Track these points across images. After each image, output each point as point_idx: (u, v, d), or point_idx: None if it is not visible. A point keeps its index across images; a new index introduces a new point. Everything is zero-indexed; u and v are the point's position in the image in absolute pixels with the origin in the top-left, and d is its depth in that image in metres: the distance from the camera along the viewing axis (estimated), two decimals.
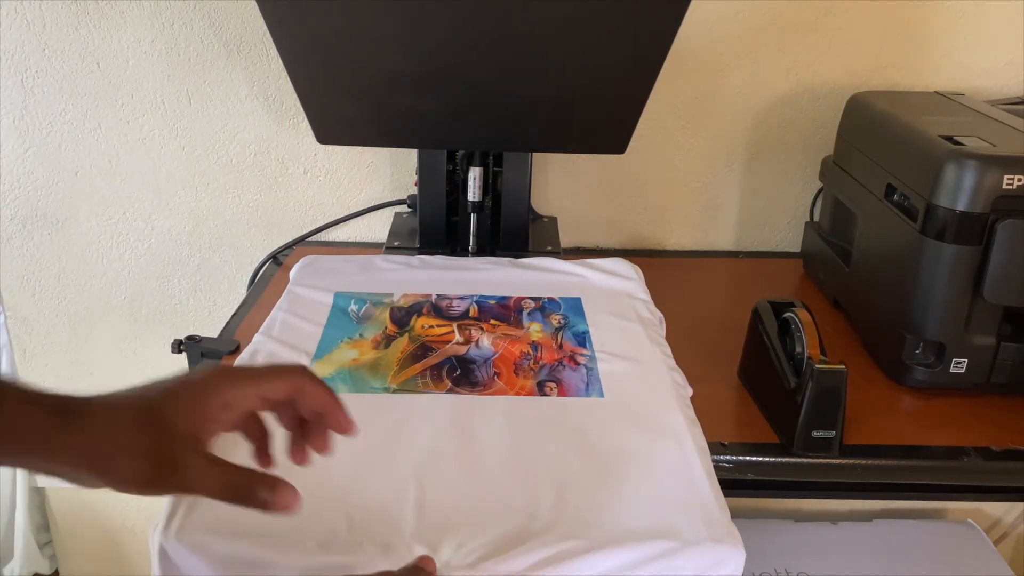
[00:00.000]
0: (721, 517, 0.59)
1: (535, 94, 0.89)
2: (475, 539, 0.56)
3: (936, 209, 0.79)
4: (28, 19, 1.10)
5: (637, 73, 0.87)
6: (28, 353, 1.31)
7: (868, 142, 0.96)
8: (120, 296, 1.27)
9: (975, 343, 0.82)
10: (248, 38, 1.11)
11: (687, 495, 0.61)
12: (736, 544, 0.56)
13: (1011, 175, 0.75)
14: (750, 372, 0.86)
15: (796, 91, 1.15)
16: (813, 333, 0.75)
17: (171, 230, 1.23)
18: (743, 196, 1.22)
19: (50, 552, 1.49)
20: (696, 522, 0.58)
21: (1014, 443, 0.78)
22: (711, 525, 0.58)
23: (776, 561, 1.07)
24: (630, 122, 0.92)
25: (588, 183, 1.20)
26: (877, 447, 0.77)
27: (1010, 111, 0.93)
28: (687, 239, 1.24)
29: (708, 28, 1.09)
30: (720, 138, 1.18)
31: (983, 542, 1.12)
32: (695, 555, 0.56)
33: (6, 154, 1.17)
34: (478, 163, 1.01)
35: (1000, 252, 0.77)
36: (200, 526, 0.56)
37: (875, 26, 1.10)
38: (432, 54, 0.85)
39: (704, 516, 0.59)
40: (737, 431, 0.79)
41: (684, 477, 0.63)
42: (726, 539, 0.57)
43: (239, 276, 1.25)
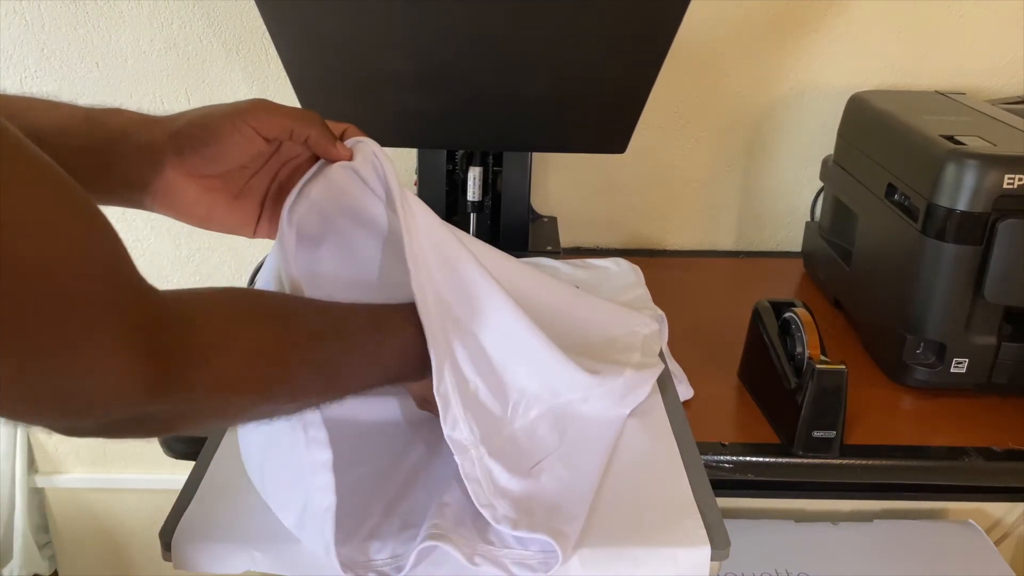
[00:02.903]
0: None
1: (535, 94, 0.89)
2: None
3: (937, 209, 0.79)
4: (27, 19, 1.09)
5: (637, 73, 0.87)
6: None
7: (868, 142, 0.96)
8: None
9: (976, 343, 0.82)
10: (247, 37, 1.11)
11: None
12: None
13: (1012, 175, 0.75)
14: (750, 372, 0.86)
15: (796, 91, 1.14)
16: (813, 333, 0.75)
17: (169, 231, 1.22)
18: (743, 196, 1.22)
19: (49, 553, 1.48)
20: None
21: (1015, 443, 0.78)
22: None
23: (776, 561, 1.06)
24: (630, 122, 0.92)
25: (588, 183, 1.20)
26: (877, 447, 0.77)
27: (1011, 110, 0.93)
28: (687, 239, 1.24)
29: (708, 28, 1.09)
30: (720, 138, 1.18)
31: (984, 542, 1.12)
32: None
33: None
34: (478, 163, 1.00)
35: (1001, 252, 0.77)
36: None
37: (875, 26, 1.10)
38: (432, 54, 0.85)
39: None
40: (737, 431, 0.79)
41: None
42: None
43: (238, 277, 1.25)
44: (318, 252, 0.61)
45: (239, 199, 0.57)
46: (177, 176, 0.53)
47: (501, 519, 0.54)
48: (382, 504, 0.59)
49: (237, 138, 0.52)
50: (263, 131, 0.53)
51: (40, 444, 1.38)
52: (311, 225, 0.57)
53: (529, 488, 0.58)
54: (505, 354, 0.63)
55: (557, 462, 0.62)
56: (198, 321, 0.41)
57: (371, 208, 0.59)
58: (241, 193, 0.57)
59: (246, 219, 0.58)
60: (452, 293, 0.60)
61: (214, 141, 0.52)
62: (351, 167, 0.56)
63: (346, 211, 0.59)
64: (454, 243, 0.61)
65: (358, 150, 0.57)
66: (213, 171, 0.54)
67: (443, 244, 0.60)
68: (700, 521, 0.57)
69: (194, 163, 0.52)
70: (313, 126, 0.54)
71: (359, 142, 0.57)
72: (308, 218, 0.56)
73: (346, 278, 0.63)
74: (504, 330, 0.62)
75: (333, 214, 0.58)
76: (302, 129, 0.54)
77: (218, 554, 0.55)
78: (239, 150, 0.53)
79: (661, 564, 0.55)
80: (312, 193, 0.56)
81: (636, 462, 0.64)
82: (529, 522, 0.55)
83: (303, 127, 0.54)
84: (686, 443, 0.67)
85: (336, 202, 0.57)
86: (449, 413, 0.56)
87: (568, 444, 0.64)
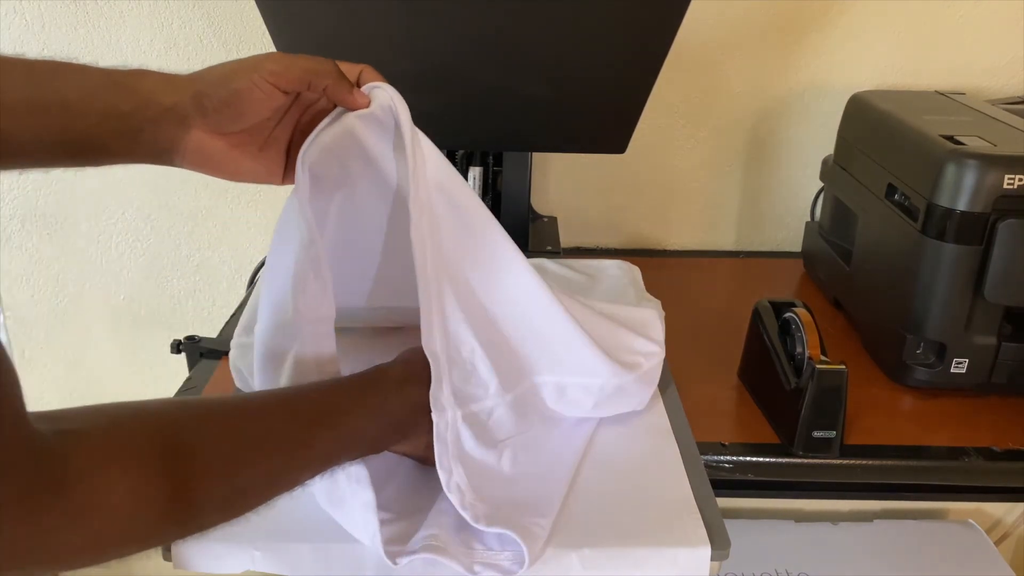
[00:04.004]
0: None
1: (535, 94, 0.89)
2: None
3: (937, 209, 0.79)
4: (27, 19, 1.09)
5: (637, 73, 0.87)
6: (27, 353, 1.31)
7: (869, 142, 0.96)
8: (119, 296, 1.27)
9: (976, 343, 0.82)
10: (247, 38, 1.11)
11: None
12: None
13: (1012, 175, 0.75)
14: (750, 372, 0.86)
15: (796, 91, 1.14)
16: (813, 333, 0.75)
17: (170, 230, 1.22)
18: (743, 196, 1.22)
19: None
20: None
21: (1015, 443, 0.78)
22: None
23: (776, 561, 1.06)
24: (630, 122, 0.92)
25: (588, 183, 1.20)
26: (877, 447, 0.77)
27: (1011, 110, 0.93)
28: (687, 239, 1.24)
29: (709, 28, 1.09)
30: (720, 138, 1.18)
31: (984, 543, 1.12)
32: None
33: None
34: (478, 163, 1.01)
35: (1001, 252, 0.77)
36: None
37: (875, 26, 1.10)
38: (432, 54, 0.85)
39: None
40: (737, 431, 0.79)
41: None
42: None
43: (238, 276, 1.25)
44: (333, 198, 0.61)
45: (264, 150, 0.58)
46: (204, 136, 0.54)
47: (467, 505, 0.54)
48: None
49: (257, 94, 0.53)
50: (281, 85, 0.54)
51: None
52: (327, 172, 0.58)
53: (491, 462, 0.58)
54: (515, 320, 0.62)
55: (530, 454, 0.62)
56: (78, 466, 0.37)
57: (386, 156, 0.59)
58: (266, 144, 0.58)
59: (273, 169, 0.59)
60: (460, 250, 0.59)
61: (236, 100, 0.53)
62: (367, 115, 0.56)
63: (360, 158, 0.59)
64: (474, 205, 0.60)
65: (375, 96, 0.57)
66: (237, 127, 0.55)
67: (458, 200, 0.59)
68: (700, 521, 0.57)
69: (219, 122, 0.54)
70: (329, 76, 0.55)
71: (375, 87, 0.57)
72: (323, 165, 0.57)
73: (357, 226, 0.63)
74: (517, 296, 0.62)
75: (348, 161, 0.59)
76: (319, 80, 0.55)
77: (218, 554, 0.55)
78: (260, 106, 0.54)
79: (661, 564, 0.55)
80: (327, 141, 0.56)
81: (636, 462, 0.64)
82: (496, 516, 0.55)
83: (320, 78, 0.55)
84: (686, 443, 0.67)
85: (351, 150, 0.58)
86: (436, 373, 0.56)
87: (545, 430, 0.64)
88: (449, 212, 0.59)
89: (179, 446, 0.42)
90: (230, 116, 0.54)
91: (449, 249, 0.59)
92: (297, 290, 0.56)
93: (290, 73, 0.54)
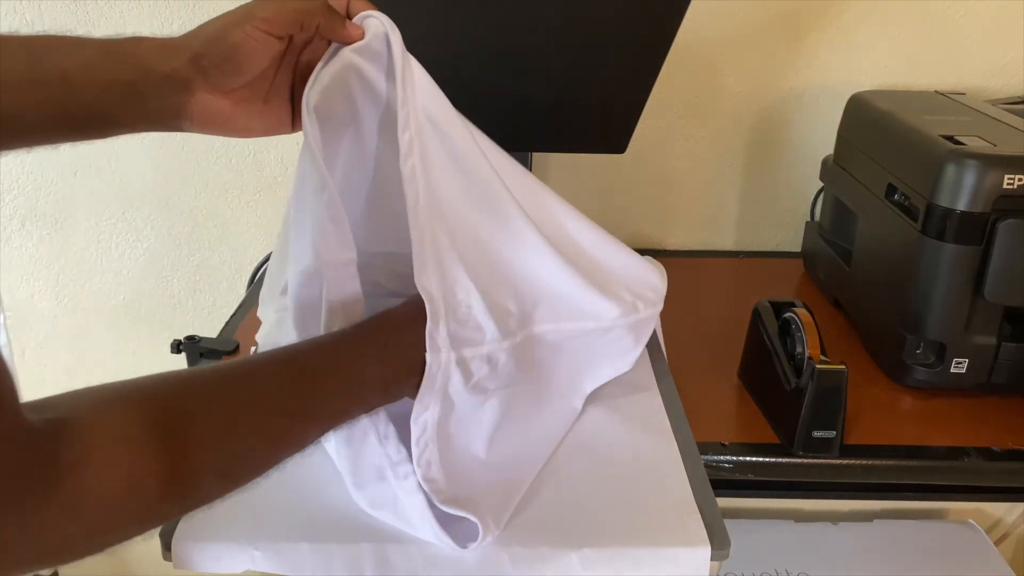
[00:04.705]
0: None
1: (535, 94, 0.89)
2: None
3: (937, 209, 0.79)
4: (27, 19, 1.09)
5: (637, 73, 0.87)
6: (27, 353, 1.31)
7: (868, 142, 0.96)
8: (119, 296, 1.27)
9: (976, 343, 0.82)
10: None
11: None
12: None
13: (1012, 175, 0.75)
14: (750, 372, 0.86)
15: (796, 91, 1.14)
16: (813, 333, 0.75)
17: (170, 230, 1.22)
18: (743, 196, 1.22)
19: None
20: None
21: (1015, 443, 0.78)
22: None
23: (776, 561, 1.06)
24: (630, 122, 0.92)
25: (588, 183, 1.20)
26: (877, 447, 0.77)
27: (1011, 111, 0.93)
28: (687, 239, 1.24)
29: (709, 28, 1.09)
30: (720, 138, 1.18)
31: (984, 543, 1.12)
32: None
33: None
34: None
35: (1001, 252, 0.77)
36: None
37: (875, 26, 1.10)
38: (430, 53, 0.85)
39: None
40: (737, 431, 0.79)
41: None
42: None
43: (238, 276, 1.25)
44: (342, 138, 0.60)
45: (269, 102, 0.58)
46: (207, 96, 0.54)
47: (429, 479, 0.54)
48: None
49: (252, 44, 0.53)
50: (274, 30, 0.53)
51: None
52: (333, 111, 0.57)
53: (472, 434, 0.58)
54: (517, 260, 0.60)
55: (510, 437, 0.61)
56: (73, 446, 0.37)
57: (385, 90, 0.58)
58: (269, 95, 0.57)
59: (282, 118, 0.59)
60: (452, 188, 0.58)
61: (233, 54, 0.53)
62: (363, 47, 0.55)
63: (363, 92, 0.58)
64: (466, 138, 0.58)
65: (368, 26, 0.56)
66: (238, 83, 0.54)
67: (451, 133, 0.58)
68: (700, 521, 0.57)
69: (219, 80, 0.53)
70: (319, 12, 0.54)
71: (368, 16, 0.56)
72: (328, 106, 0.56)
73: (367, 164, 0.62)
74: (518, 236, 0.60)
75: (352, 97, 0.58)
76: (310, 19, 0.54)
77: (218, 554, 0.55)
78: (257, 56, 0.54)
79: (661, 564, 0.55)
80: (327, 80, 0.55)
81: (636, 462, 0.64)
82: (458, 499, 0.55)
83: (310, 16, 0.54)
84: (686, 443, 0.67)
85: (352, 85, 0.57)
86: (432, 311, 0.55)
87: (536, 389, 0.63)
88: (440, 146, 0.57)
89: (170, 419, 0.41)
90: (230, 72, 0.53)
91: (440, 186, 0.57)
92: (316, 236, 0.55)
93: (281, 17, 0.53)
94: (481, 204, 0.60)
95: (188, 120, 0.54)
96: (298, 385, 0.48)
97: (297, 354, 0.51)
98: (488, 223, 0.60)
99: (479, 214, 0.60)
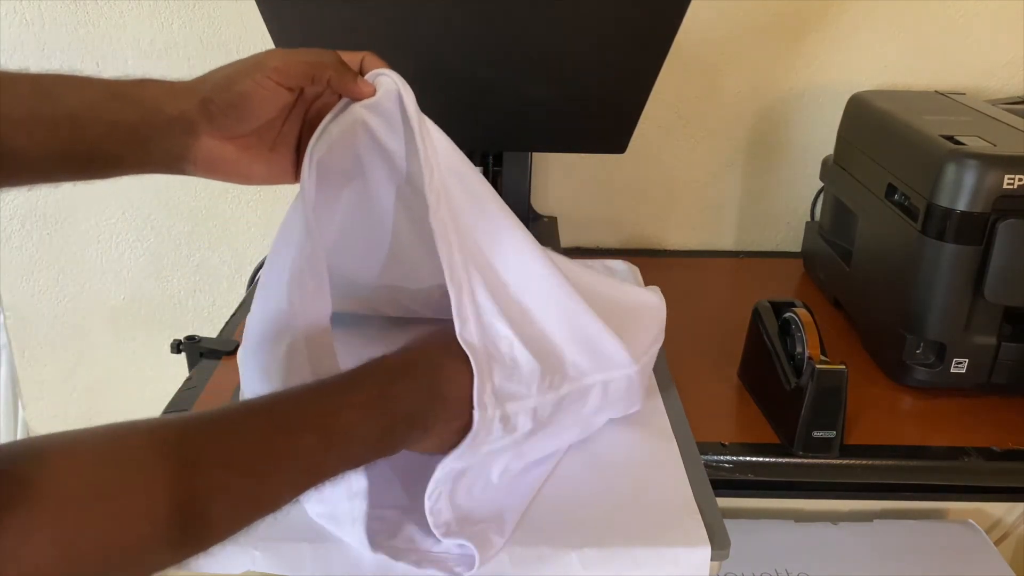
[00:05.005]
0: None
1: (535, 94, 0.89)
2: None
3: (936, 209, 0.79)
4: (27, 18, 1.09)
5: (637, 73, 0.87)
6: (27, 353, 1.31)
7: (868, 142, 0.96)
8: (119, 296, 1.27)
9: (976, 343, 0.82)
10: (247, 38, 1.11)
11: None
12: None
13: (1012, 175, 0.75)
14: (750, 372, 0.86)
15: (796, 91, 1.14)
16: (813, 333, 0.75)
17: (170, 230, 1.22)
18: (743, 196, 1.22)
19: None
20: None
21: (1015, 443, 0.78)
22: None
23: (776, 561, 1.06)
24: (630, 122, 0.92)
25: (588, 183, 1.20)
26: (877, 447, 0.77)
27: (1010, 111, 0.93)
28: (687, 239, 1.24)
29: (708, 28, 1.09)
30: (720, 138, 1.18)
31: (984, 543, 1.12)
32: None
33: None
34: (478, 163, 1.01)
35: (1001, 252, 0.77)
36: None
37: (875, 26, 1.10)
38: (431, 53, 0.85)
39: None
40: (737, 431, 0.79)
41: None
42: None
43: (238, 276, 1.25)
44: (343, 189, 0.60)
45: (274, 151, 0.57)
46: (213, 142, 0.54)
47: (440, 524, 0.54)
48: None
49: (262, 93, 0.53)
50: (284, 81, 0.53)
51: None
52: (337, 165, 0.57)
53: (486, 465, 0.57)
54: (545, 312, 0.59)
55: (519, 461, 0.60)
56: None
57: (395, 143, 0.58)
58: (275, 144, 0.57)
59: (286, 168, 0.58)
60: (483, 239, 0.57)
61: (241, 102, 0.53)
62: (373, 104, 0.56)
63: (371, 148, 0.58)
64: (487, 191, 0.58)
65: (380, 83, 0.56)
66: (245, 130, 0.54)
67: (473, 187, 0.57)
68: (700, 521, 0.57)
69: (226, 126, 0.53)
70: (332, 67, 0.54)
71: (380, 74, 0.57)
72: (333, 159, 0.56)
73: (369, 213, 0.62)
74: (542, 287, 0.59)
75: (358, 152, 0.58)
76: (322, 72, 0.54)
77: (218, 554, 0.55)
78: (266, 105, 0.54)
79: (661, 564, 0.55)
80: (335, 134, 0.55)
81: (636, 462, 0.64)
82: (456, 528, 0.54)
83: (323, 70, 0.54)
84: (686, 443, 0.67)
85: (360, 141, 0.57)
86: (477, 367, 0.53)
87: (561, 430, 0.62)
88: (466, 199, 0.57)
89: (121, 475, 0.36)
90: (237, 119, 0.53)
91: (471, 238, 0.57)
92: (293, 286, 0.55)
93: (292, 68, 0.53)
94: (508, 253, 0.59)
95: (192, 164, 0.54)
96: (275, 442, 0.43)
97: (279, 404, 0.45)
98: (516, 270, 0.59)
99: (506, 262, 0.58)
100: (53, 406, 1.35)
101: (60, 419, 1.36)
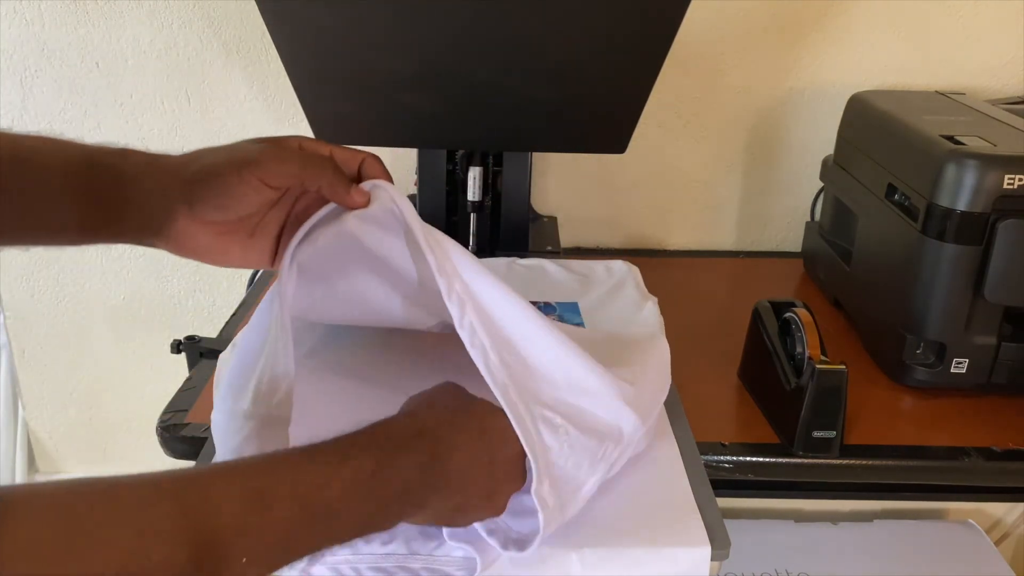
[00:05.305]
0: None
1: (535, 94, 0.89)
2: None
3: (937, 209, 0.79)
4: (27, 18, 1.09)
5: (637, 73, 0.87)
6: (27, 353, 1.31)
7: (869, 142, 0.96)
8: (119, 296, 1.27)
9: (976, 343, 0.82)
10: (247, 38, 1.11)
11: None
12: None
13: (1012, 175, 0.75)
14: (750, 372, 0.86)
15: (796, 91, 1.14)
16: (813, 333, 0.75)
17: None
18: (743, 196, 1.22)
19: None
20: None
21: (1015, 443, 0.78)
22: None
23: (776, 561, 1.06)
24: (630, 122, 0.92)
25: (588, 183, 1.20)
26: (877, 447, 0.77)
27: (1011, 110, 0.93)
28: (687, 239, 1.24)
29: (708, 28, 1.09)
30: (720, 138, 1.18)
31: (984, 543, 1.12)
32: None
33: None
34: (478, 163, 1.00)
35: (1001, 252, 0.77)
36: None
37: (875, 26, 1.10)
38: (431, 53, 0.85)
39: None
40: (737, 431, 0.79)
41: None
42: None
43: (238, 276, 1.25)
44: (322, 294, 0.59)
45: (254, 237, 0.56)
46: (189, 223, 0.52)
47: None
48: None
49: (245, 189, 0.51)
50: (271, 182, 0.51)
51: (40, 443, 1.38)
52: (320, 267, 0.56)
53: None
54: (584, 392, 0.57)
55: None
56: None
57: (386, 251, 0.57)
58: (255, 232, 0.56)
59: (263, 255, 0.57)
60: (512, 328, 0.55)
61: (224, 192, 0.51)
62: (366, 215, 0.53)
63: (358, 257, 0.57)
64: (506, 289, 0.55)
65: (375, 196, 0.54)
66: (225, 218, 0.53)
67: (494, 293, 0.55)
68: (700, 521, 0.57)
69: (206, 212, 0.52)
70: (324, 175, 0.52)
71: (376, 187, 0.54)
72: (316, 263, 0.55)
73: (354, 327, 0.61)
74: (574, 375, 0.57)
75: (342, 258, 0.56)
76: (313, 179, 0.52)
77: None
78: (249, 200, 0.52)
79: (661, 564, 0.55)
80: (320, 242, 0.54)
81: (636, 462, 0.64)
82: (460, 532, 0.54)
83: (313, 177, 0.52)
84: (686, 443, 0.67)
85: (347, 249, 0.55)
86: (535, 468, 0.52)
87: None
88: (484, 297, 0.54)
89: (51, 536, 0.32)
90: (217, 208, 0.51)
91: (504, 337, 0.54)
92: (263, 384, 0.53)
93: (283, 172, 0.51)
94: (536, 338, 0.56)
95: (165, 241, 0.52)
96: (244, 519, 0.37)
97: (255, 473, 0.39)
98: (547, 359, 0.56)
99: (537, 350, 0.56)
100: (53, 406, 1.35)
101: (60, 419, 1.36)
